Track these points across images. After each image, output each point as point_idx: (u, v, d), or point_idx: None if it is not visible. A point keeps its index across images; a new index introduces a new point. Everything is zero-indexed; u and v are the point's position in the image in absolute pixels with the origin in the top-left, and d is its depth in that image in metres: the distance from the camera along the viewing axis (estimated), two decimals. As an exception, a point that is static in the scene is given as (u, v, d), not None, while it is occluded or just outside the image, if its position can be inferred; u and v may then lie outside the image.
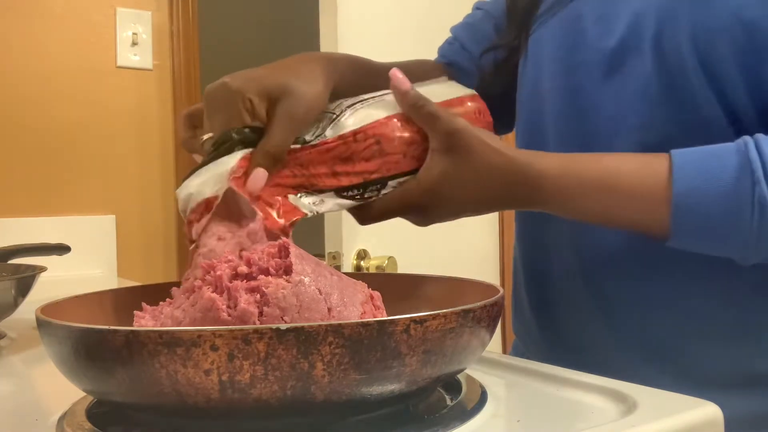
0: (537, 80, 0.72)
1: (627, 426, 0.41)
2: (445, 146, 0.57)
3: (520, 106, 0.76)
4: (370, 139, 0.56)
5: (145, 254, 1.76)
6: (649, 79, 0.60)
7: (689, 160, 0.53)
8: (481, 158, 0.56)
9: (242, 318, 0.42)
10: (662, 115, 0.60)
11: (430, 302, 0.53)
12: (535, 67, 0.72)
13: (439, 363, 0.41)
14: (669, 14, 0.58)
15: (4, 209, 1.56)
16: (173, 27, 1.79)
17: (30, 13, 1.61)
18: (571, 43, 0.67)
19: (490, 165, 0.56)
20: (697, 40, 0.57)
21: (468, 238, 1.92)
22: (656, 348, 0.63)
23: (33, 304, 0.51)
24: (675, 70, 0.58)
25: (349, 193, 0.56)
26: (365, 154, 0.56)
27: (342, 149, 0.56)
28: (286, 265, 0.45)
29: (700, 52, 0.57)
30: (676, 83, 0.58)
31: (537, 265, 0.74)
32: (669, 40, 0.58)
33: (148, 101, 1.76)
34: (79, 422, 0.44)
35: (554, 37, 0.69)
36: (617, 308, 0.65)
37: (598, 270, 0.66)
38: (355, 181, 0.56)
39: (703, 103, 0.58)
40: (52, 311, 0.45)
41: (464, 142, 0.57)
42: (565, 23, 0.68)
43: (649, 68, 0.60)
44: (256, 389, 0.37)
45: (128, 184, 1.73)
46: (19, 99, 1.60)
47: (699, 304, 0.61)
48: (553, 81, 0.69)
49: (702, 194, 0.52)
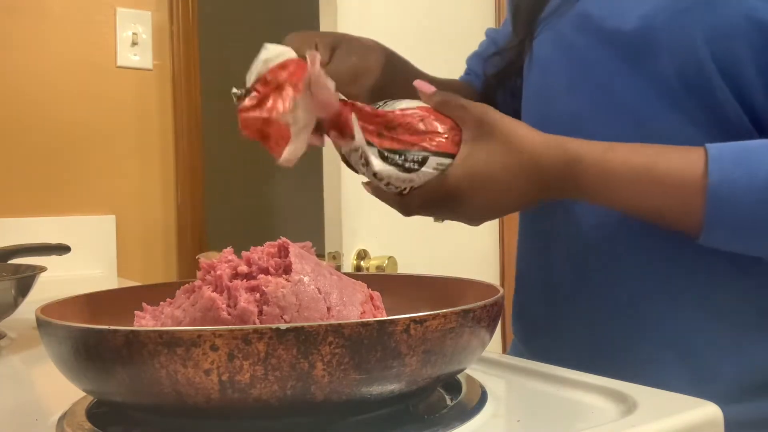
0: (543, 83, 0.71)
1: (627, 426, 0.41)
2: (477, 134, 0.58)
3: (525, 109, 0.76)
4: (415, 117, 0.59)
5: (145, 254, 1.76)
6: (667, 80, 0.60)
7: (725, 152, 0.53)
8: (515, 143, 0.57)
9: (242, 317, 0.42)
10: (680, 116, 0.59)
11: (430, 302, 0.53)
12: (541, 69, 0.72)
13: (439, 363, 0.41)
14: (682, 17, 0.58)
15: (4, 209, 1.56)
16: (173, 27, 1.79)
17: (30, 13, 1.61)
18: (581, 43, 0.66)
19: (523, 148, 0.57)
20: (712, 42, 0.56)
21: (468, 238, 1.92)
22: (673, 345, 0.62)
23: (33, 304, 0.51)
24: (691, 71, 0.58)
25: (391, 156, 0.57)
26: (409, 128, 0.58)
27: (390, 117, 0.58)
28: (286, 265, 0.45)
29: (715, 55, 0.56)
30: (694, 84, 0.58)
31: (543, 265, 0.74)
32: (683, 43, 0.58)
33: (148, 101, 1.76)
34: (79, 422, 0.44)
35: (560, 38, 0.69)
36: (637, 306, 0.64)
37: (609, 267, 0.65)
38: (397, 146, 0.58)
39: (722, 103, 0.57)
40: (52, 311, 0.45)
41: (497, 128, 0.57)
42: (572, 24, 0.68)
43: (665, 69, 0.60)
44: (256, 389, 0.37)
45: (128, 184, 1.73)
46: (19, 99, 1.60)
47: (721, 302, 0.61)
48: (560, 83, 0.68)
49: (737, 185, 0.52)
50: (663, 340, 0.63)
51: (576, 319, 0.69)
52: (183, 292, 0.48)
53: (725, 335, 0.61)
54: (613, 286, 0.65)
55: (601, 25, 0.64)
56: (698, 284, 0.61)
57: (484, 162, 0.57)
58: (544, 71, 0.71)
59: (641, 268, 0.63)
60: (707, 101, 0.58)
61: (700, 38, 0.57)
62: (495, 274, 2.03)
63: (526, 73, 0.75)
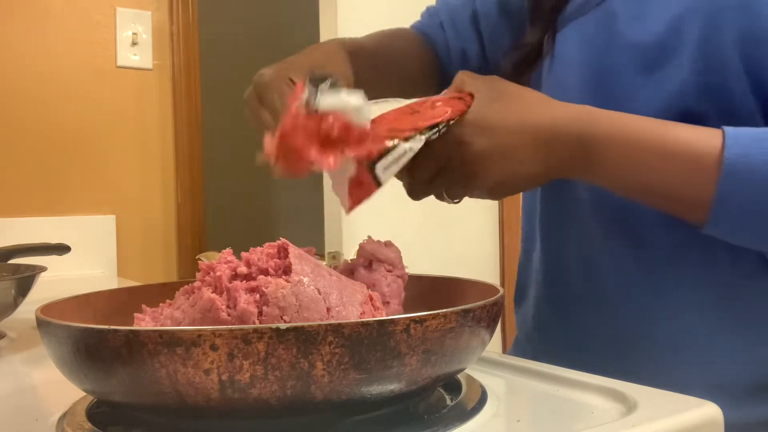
0: (565, 81, 0.70)
1: (627, 426, 0.41)
2: (487, 92, 0.58)
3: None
4: (426, 102, 0.59)
5: (145, 254, 1.76)
6: (686, 81, 0.59)
7: (742, 132, 0.53)
8: (526, 98, 0.58)
9: (242, 318, 0.42)
10: (698, 118, 0.59)
11: (430, 302, 0.53)
12: (563, 67, 0.71)
13: (439, 363, 0.41)
14: (715, 19, 0.58)
15: (4, 209, 1.56)
16: (173, 27, 1.79)
17: (30, 13, 1.61)
18: (604, 43, 0.66)
19: (533, 104, 0.58)
20: (743, 46, 0.56)
21: (468, 239, 1.92)
22: (680, 339, 0.62)
23: (33, 304, 0.51)
24: (716, 73, 0.58)
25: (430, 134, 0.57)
26: (426, 113, 0.58)
27: (405, 108, 0.59)
28: (286, 266, 0.45)
29: (745, 58, 0.56)
30: (715, 85, 0.58)
31: (554, 249, 0.73)
32: (713, 45, 0.58)
33: (148, 101, 1.76)
34: (79, 422, 0.44)
35: (584, 36, 0.68)
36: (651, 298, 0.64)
37: (625, 255, 0.65)
38: (431, 123, 0.57)
39: (741, 107, 0.57)
40: (52, 311, 0.45)
41: (508, 87, 0.59)
42: (597, 23, 0.67)
43: (687, 70, 0.59)
44: (255, 389, 0.37)
45: (128, 184, 1.73)
46: (19, 99, 1.60)
47: (737, 304, 0.60)
48: (582, 81, 0.68)
49: (754, 162, 0.51)
50: (669, 338, 0.63)
51: (581, 315, 0.69)
52: (182, 293, 0.48)
53: (739, 337, 0.61)
54: (625, 286, 0.65)
55: (624, 25, 0.64)
56: (717, 283, 0.61)
57: (494, 111, 0.57)
58: (567, 68, 0.70)
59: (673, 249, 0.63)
60: (723, 104, 0.58)
61: (732, 39, 0.56)
62: (495, 274, 2.03)
63: (546, 70, 0.74)
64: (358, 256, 0.56)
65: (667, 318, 0.63)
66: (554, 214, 0.73)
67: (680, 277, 0.62)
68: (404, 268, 0.56)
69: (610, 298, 0.66)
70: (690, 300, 0.62)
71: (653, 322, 0.63)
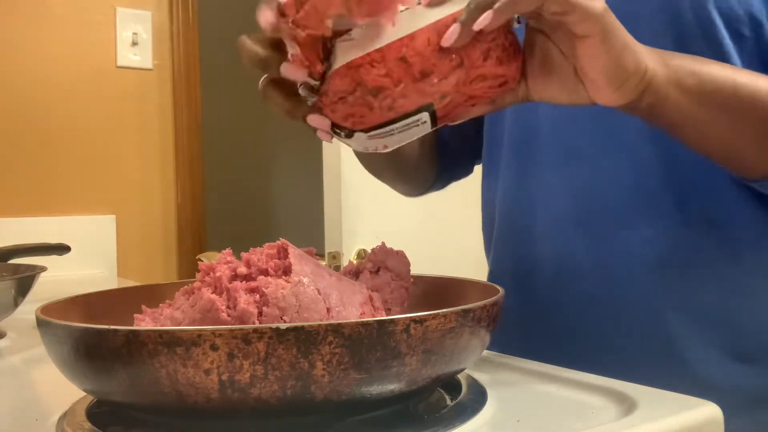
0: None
1: (627, 426, 0.41)
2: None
3: (505, 125, 0.73)
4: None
5: (145, 254, 1.76)
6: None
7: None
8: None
9: (242, 318, 0.42)
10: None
11: (430, 302, 0.53)
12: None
13: (439, 363, 0.41)
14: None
15: (4, 209, 1.56)
16: (173, 27, 1.79)
17: (30, 13, 1.61)
18: None
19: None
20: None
21: (468, 239, 1.92)
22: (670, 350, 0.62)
23: (33, 304, 0.51)
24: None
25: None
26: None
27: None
28: (286, 266, 0.45)
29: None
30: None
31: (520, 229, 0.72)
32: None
33: (148, 101, 1.76)
34: (79, 422, 0.44)
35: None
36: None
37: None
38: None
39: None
40: (52, 311, 0.45)
41: None
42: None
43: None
44: (256, 389, 0.37)
45: (128, 184, 1.73)
46: (19, 99, 1.60)
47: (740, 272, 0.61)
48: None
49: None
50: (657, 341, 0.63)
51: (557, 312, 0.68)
52: (182, 293, 0.48)
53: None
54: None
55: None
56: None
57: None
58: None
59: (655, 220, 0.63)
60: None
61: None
62: (495, 274, 2.03)
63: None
64: (368, 259, 0.55)
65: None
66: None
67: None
68: (411, 281, 0.55)
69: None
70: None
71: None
